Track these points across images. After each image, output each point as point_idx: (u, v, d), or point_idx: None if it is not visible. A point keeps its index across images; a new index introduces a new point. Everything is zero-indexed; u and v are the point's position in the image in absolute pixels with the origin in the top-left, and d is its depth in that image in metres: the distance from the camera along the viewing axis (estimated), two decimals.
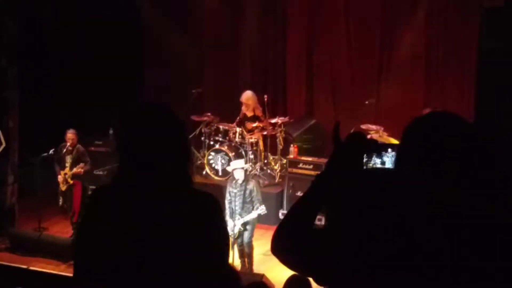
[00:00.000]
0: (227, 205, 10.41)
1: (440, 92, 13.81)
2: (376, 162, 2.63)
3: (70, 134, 11.53)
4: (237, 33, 15.52)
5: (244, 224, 10.24)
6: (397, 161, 2.40)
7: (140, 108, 3.22)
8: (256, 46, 15.53)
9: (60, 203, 11.81)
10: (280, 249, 2.59)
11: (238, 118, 13.84)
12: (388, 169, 2.38)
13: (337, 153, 2.61)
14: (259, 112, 13.64)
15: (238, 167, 10.37)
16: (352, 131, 2.74)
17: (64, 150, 11.52)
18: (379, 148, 2.65)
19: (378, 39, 14.24)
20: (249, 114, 13.67)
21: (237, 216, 10.19)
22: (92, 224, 3.05)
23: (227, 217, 10.41)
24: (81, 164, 11.51)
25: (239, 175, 10.27)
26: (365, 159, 2.62)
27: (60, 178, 11.47)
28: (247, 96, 13.58)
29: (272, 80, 15.49)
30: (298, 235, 2.53)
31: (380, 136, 12.13)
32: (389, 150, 2.66)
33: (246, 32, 15.50)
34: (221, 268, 3.10)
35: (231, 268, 4.14)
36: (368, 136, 8.01)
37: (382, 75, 14.32)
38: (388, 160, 2.62)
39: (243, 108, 13.68)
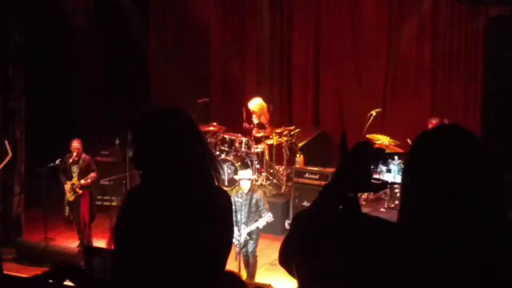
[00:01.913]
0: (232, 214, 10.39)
1: (446, 102, 13.80)
2: (382, 169, 2.63)
3: (76, 144, 11.51)
4: (243, 44, 15.54)
5: (249, 234, 10.22)
6: (405, 174, 2.41)
7: (157, 113, 3.35)
8: (262, 56, 15.55)
9: (66, 213, 11.82)
10: (287, 261, 2.59)
11: (244, 123, 13.85)
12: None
13: (345, 163, 2.62)
14: (265, 120, 13.64)
15: (246, 178, 10.36)
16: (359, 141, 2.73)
17: (70, 160, 11.50)
18: (386, 156, 2.65)
19: (385, 49, 14.25)
20: (256, 121, 13.69)
21: (243, 226, 10.18)
22: (125, 224, 3.29)
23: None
24: (92, 174, 11.50)
25: (245, 185, 10.26)
26: (371, 167, 2.63)
27: (67, 188, 11.44)
28: (254, 104, 13.59)
29: (278, 90, 15.49)
30: (305, 245, 2.53)
31: (386, 146, 12.13)
32: (395, 157, 2.66)
33: (252, 42, 15.53)
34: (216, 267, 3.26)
35: (237, 277, 4.17)
36: (375, 145, 8.01)
37: (388, 85, 14.33)
38: (394, 168, 2.62)
39: (252, 115, 13.70)
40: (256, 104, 13.60)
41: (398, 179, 2.59)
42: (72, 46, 14.42)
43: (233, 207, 10.24)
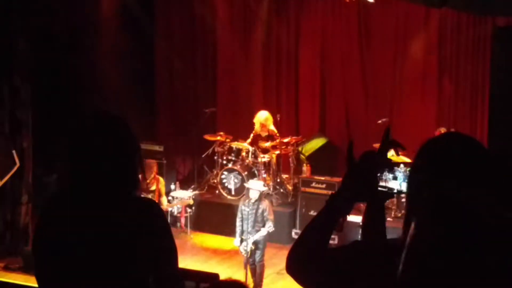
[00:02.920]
0: (238, 223, 10.41)
1: (453, 112, 13.80)
2: (388, 177, 2.64)
3: None
4: (250, 53, 15.56)
5: (255, 244, 10.22)
6: (410, 182, 2.42)
7: (87, 116, 3.28)
8: (269, 65, 15.58)
9: None
10: (294, 268, 2.60)
11: (251, 135, 13.87)
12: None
13: (351, 172, 2.63)
14: (273, 132, 13.67)
15: (256, 189, 10.37)
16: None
17: None
18: (392, 164, 2.66)
19: (391, 58, 14.25)
20: (264, 133, 13.72)
21: (248, 235, 10.19)
22: (45, 237, 3.16)
23: (237, 235, 10.40)
24: None
25: (253, 195, 10.27)
26: (378, 174, 2.64)
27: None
28: (265, 117, 13.61)
29: (285, 99, 15.50)
30: (312, 254, 2.54)
31: (392, 155, 12.11)
32: (401, 165, 2.67)
33: (259, 51, 15.55)
34: (171, 272, 3.22)
35: (244, 286, 4.13)
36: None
37: (395, 94, 14.33)
38: (400, 175, 2.63)
39: (258, 127, 13.72)
40: (266, 117, 13.62)
41: (404, 186, 2.60)
42: (80, 56, 14.45)
43: (240, 216, 10.29)
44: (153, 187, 11.99)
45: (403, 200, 11.36)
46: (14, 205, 11.70)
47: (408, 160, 10.59)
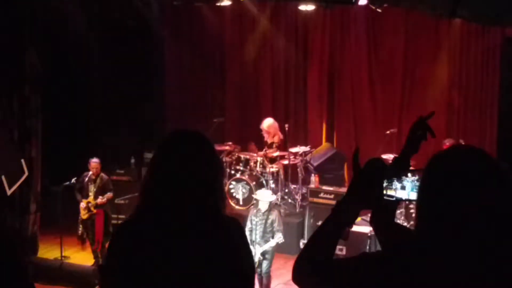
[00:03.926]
0: (247, 233, 10.40)
1: (462, 123, 13.76)
2: (396, 186, 2.64)
3: (94, 163, 11.57)
4: (259, 63, 15.58)
5: (263, 254, 10.21)
6: (420, 193, 2.42)
7: (176, 137, 3.20)
8: (278, 75, 15.59)
9: (80, 231, 11.85)
10: (300, 278, 2.60)
11: (265, 146, 13.93)
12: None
13: (357, 180, 2.63)
14: (277, 139, 13.68)
15: (265, 200, 10.35)
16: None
17: (87, 179, 11.55)
18: (400, 173, 2.66)
19: (400, 69, 14.23)
20: (270, 141, 13.76)
21: (257, 245, 10.17)
22: (120, 260, 3.02)
23: None
24: (109, 194, 11.53)
25: (263, 205, 10.26)
26: (385, 184, 2.64)
27: (82, 205, 11.46)
28: (269, 123, 13.66)
29: (294, 110, 15.50)
30: (318, 264, 2.54)
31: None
32: (409, 175, 2.67)
33: (268, 62, 15.57)
34: None
35: None
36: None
37: (403, 104, 14.30)
38: (409, 185, 2.63)
39: (264, 135, 13.77)
40: (271, 124, 13.66)
41: (412, 196, 2.59)
42: (89, 67, 14.51)
43: (250, 226, 10.28)
44: None
45: (412, 211, 11.35)
46: (22, 214, 11.72)
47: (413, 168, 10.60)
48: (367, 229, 11.61)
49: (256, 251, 10.17)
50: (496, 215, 2.15)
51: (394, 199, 2.63)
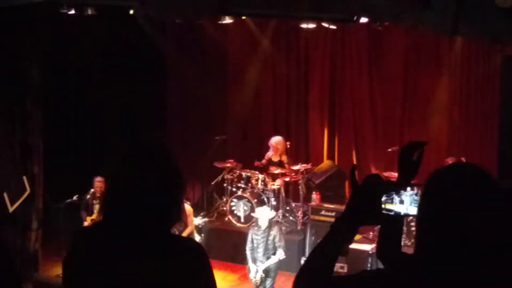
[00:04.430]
0: (248, 252, 10.39)
1: (463, 141, 13.76)
2: (395, 201, 2.65)
3: (98, 182, 11.63)
4: (260, 81, 15.59)
5: (266, 271, 10.20)
6: (420, 209, 2.44)
7: (135, 149, 3.12)
8: (279, 93, 15.62)
9: None
10: None
11: (264, 159, 13.94)
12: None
13: (355, 196, 2.65)
14: (285, 159, 13.74)
15: (263, 217, 10.36)
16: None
17: (92, 197, 11.61)
18: (398, 187, 2.68)
19: (401, 86, 14.24)
20: (275, 159, 13.79)
21: (259, 263, 10.17)
22: (74, 269, 3.09)
23: (249, 263, 10.38)
24: None
25: (263, 222, 10.27)
26: (384, 198, 2.65)
27: (86, 224, 11.48)
28: (277, 140, 13.72)
29: (295, 127, 15.52)
30: (318, 280, 2.55)
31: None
32: (408, 189, 2.68)
33: (269, 79, 15.60)
34: None
35: None
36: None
37: (404, 122, 14.31)
38: (407, 199, 2.64)
39: (270, 152, 13.81)
40: (280, 141, 13.73)
41: (411, 210, 2.61)
42: (91, 83, 14.54)
43: (251, 244, 10.28)
44: None
45: (413, 228, 11.33)
46: (24, 231, 11.72)
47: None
48: (368, 246, 11.61)
49: (258, 269, 10.17)
50: (496, 232, 2.16)
51: (393, 213, 2.65)
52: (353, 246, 11.96)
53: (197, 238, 12.88)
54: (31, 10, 10.80)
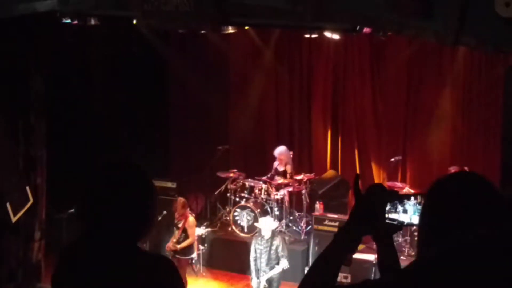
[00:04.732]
0: (252, 262, 10.38)
1: (466, 150, 13.74)
2: (399, 210, 2.65)
3: None
4: (263, 91, 15.60)
5: (269, 281, 10.19)
6: (421, 218, 2.44)
7: (102, 167, 3.19)
8: (282, 103, 15.63)
9: None
10: None
11: (270, 174, 13.95)
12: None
13: (359, 205, 2.65)
14: (289, 169, 13.74)
15: (267, 227, 10.35)
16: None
17: None
18: (401, 197, 2.68)
19: (404, 96, 14.24)
20: (280, 168, 13.80)
21: (262, 273, 10.16)
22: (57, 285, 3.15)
23: (252, 274, 10.36)
24: None
25: (266, 232, 10.26)
26: (388, 207, 2.64)
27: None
28: (280, 150, 13.73)
29: (298, 137, 15.52)
30: None
31: (400, 188, 12.09)
32: (412, 198, 2.68)
33: (272, 89, 15.61)
34: None
35: None
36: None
37: (408, 133, 14.30)
38: (411, 208, 2.64)
39: (276, 162, 13.83)
40: (283, 151, 13.73)
41: (415, 219, 2.61)
42: (94, 94, 14.56)
43: (254, 254, 10.27)
44: (179, 224, 11.88)
45: (417, 238, 11.31)
46: (26, 242, 11.71)
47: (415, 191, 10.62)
48: (372, 256, 11.58)
49: (261, 279, 10.15)
50: (497, 241, 2.16)
51: (396, 222, 2.64)
52: (357, 256, 11.96)
53: (200, 248, 12.87)
54: (33, 20, 10.82)
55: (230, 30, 12.91)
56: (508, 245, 2.13)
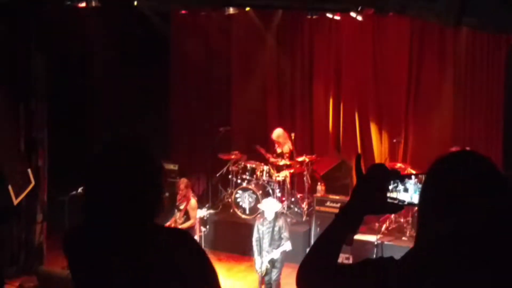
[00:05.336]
0: (254, 243, 10.38)
1: (468, 131, 13.69)
2: (399, 189, 2.63)
3: None
4: (264, 72, 15.56)
5: (272, 262, 10.20)
6: (421, 196, 2.43)
7: (109, 144, 3.20)
8: (284, 84, 15.57)
9: None
10: (304, 284, 2.61)
11: (274, 154, 13.93)
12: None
13: (360, 185, 2.64)
14: (289, 148, 13.71)
15: (270, 208, 10.34)
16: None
17: None
18: (403, 176, 2.66)
19: (405, 76, 14.17)
20: (279, 150, 13.78)
21: (265, 253, 10.16)
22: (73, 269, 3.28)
23: (255, 255, 10.37)
24: None
25: (269, 214, 10.25)
26: (389, 187, 2.63)
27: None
28: (278, 133, 13.70)
29: (300, 118, 15.46)
30: (322, 269, 2.54)
31: (402, 169, 12.08)
32: (413, 177, 2.67)
33: (274, 70, 15.56)
34: None
35: None
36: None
37: (409, 113, 14.25)
38: (412, 187, 2.63)
39: (276, 145, 13.82)
40: (280, 133, 13.69)
41: (415, 198, 2.60)
42: (95, 77, 14.53)
43: (257, 235, 10.28)
44: (182, 206, 11.89)
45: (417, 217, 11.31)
46: (28, 224, 11.74)
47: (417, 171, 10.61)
48: (373, 237, 11.61)
49: (264, 260, 10.17)
50: (497, 220, 2.15)
51: (397, 202, 2.63)
52: (358, 237, 12.00)
53: (202, 230, 12.89)
54: (34, 2, 10.79)
55: (232, 11, 12.89)
56: (506, 222, 2.12)
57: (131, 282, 2.95)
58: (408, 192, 2.63)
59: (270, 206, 10.46)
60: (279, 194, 13.41)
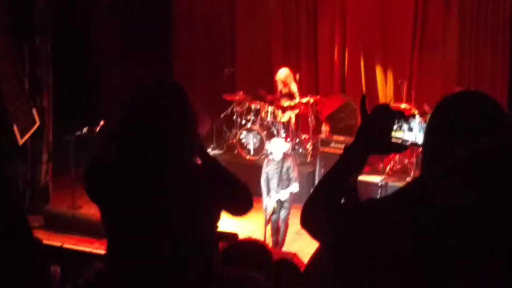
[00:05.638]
0: (263, 183, 10.40)
1: (473, 71, 13.64)
2: (404, 128, 2.64)
3: None
4: (268, 11, 15.44)
5: (280, 202, 10.23)
6: (426, 136, 2.43)
7: (150, 84, 3.35)
8: (289, 24, 15.47)
9: None
10: (308, 223, 2.63)
11: (278, 93, 13.89)
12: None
13: (365, 126, 2.64)
14: (295, 88, 13.65)
15: (278, 149, 10.32)
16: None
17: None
18: (407, 116, 2.66)
19: (411, 16, 14.05)
20: (285, 91, 13.73)
21: (273, 192, 10.20)
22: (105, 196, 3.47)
23: (264, 194, 10.39)
24: None
25: (278, 156, 10.25)
26: (394, 126, 2.63)
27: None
28: (285, 73, 13.62)
29: (304, 59, 15.39)
30: (327, 208, 2.55)
31: (407, 110, 12.08)
32: (417, 117, 2.67)
33: (278, 9, 15.43)
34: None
35: (263, 246, 4.19)
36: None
37: (414, 54, 14.17)
38: (416, 126, 2.63)
39: (280, 86, 13.76)
40: (286, 73, 13.62)
41: (420, 138, 2.60)
42: (99, 17, 14.44)
43: (265, 176, 10.30)
44: None
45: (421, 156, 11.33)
46: (34, 164, 11.77)
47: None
48: (377, 178, 11.65)
49: (272, 198, 10.21)
50: (499, 161, 2.13)
51: (401, 141, 2.63)
52: (362, 177, 12.03)
53: None
54: None
55: None
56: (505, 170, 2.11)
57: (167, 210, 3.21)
58: (413, 132, 2.63)
59: (278, 146, 10.45)
60: (283, 135, 13.40)
